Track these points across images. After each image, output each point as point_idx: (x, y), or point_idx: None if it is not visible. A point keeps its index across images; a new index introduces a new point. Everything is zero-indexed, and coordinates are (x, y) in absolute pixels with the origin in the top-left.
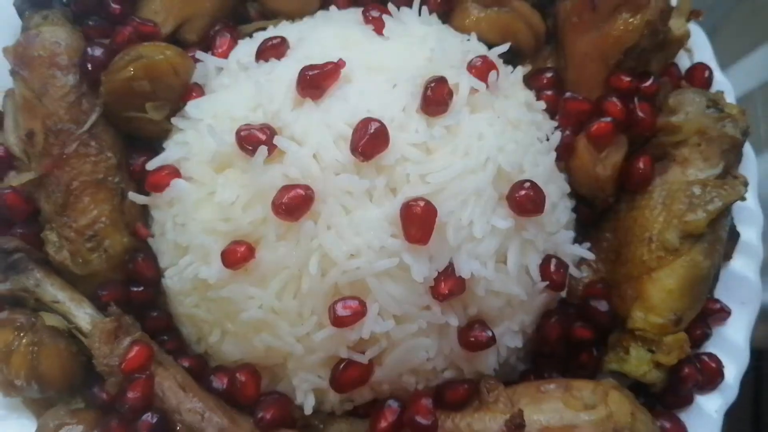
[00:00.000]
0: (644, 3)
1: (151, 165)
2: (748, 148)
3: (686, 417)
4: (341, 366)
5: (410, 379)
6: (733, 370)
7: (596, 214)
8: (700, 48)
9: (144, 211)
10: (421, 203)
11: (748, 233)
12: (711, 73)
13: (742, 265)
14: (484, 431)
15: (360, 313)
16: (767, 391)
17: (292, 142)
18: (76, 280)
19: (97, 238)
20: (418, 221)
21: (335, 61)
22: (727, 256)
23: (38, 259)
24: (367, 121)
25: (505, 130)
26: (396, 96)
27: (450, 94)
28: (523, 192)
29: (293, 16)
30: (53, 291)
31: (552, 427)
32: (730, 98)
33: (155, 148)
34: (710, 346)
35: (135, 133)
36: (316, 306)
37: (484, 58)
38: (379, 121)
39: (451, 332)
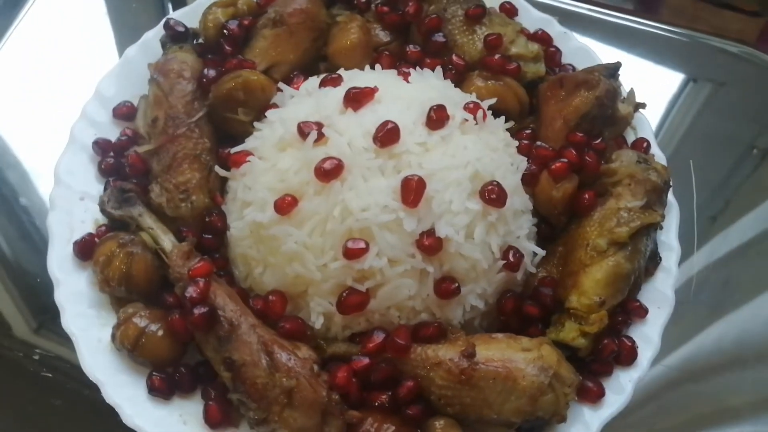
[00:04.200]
0: (595, 84)
1: (235, 149)
2: (673, 200)
3: (606, 383)
4: (345, 293)
5: (395, 313)
6: (647, 354)
7: (554, 232)
8: (643, 128)
9: (222, 188)
10: (416, 178)
11: (668, 260)
12: (649, 144)
13: (661, 282)
14: (445, 356)
15: (364, 250)
16: None
17: (334, 132)
18: (166, 220)
19: (187, 193)
20: (412, 190)
21: (372, 87)
22: (650, 273)
23: (143, 200)
24: (386, 122)
25: (484, 149)
26: (409, 113)
27: (447, 117)
28: (490, 187)
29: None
30: (150, 221)
31: (494, 359)
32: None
33: (239, 143)
34: (634, 336)
35: (227, 131)
36: (335, 243)
37: (475, 103)
38: (394, 123)
39: (429, 280)
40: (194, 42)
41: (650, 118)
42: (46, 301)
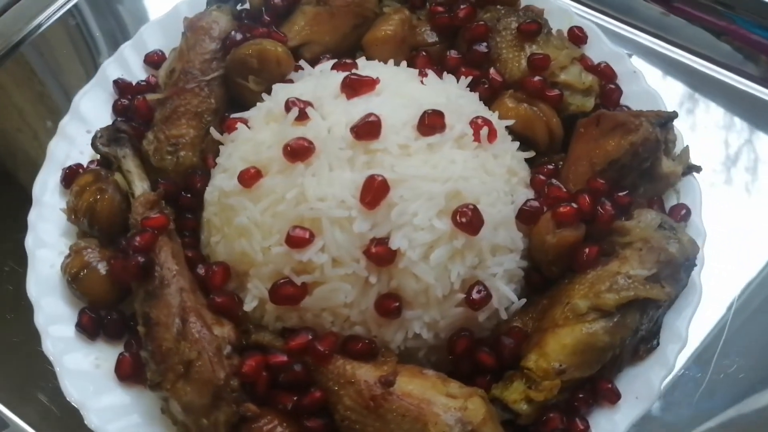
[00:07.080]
0: (634, 129)
1: (233, 116)
2: (698, 283)
3: None
4: (281, 281)
5: (328, 318)
6: None
7: (545, 282)
8: (689, 194)
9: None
10: (380, 178)
11: (669, 350)
12: (688, 212)
13: (653, 372)
14: (363, 376)
15: (308, 241)
16: None
17: (318, 115)
18: (149, 168)
19: (177, 147)
20: (372, 190)
21: (373, 78)
22: (640, 357)
23: (133, 144)
24: (369, 114)
25: (476, 170)
26: (403, 112)
27: (441, 126)
28: (463, 209)
29: None
30: (131, 165)
31: (412, 395)
32: (699, 242)
33: None
34: (595, 422)
35: (237, 98)
36: (282, 228)
37: (484, 119)
38: (377, 117)
39: (371, 293)
40: (237, 6)
41: None
42: None
